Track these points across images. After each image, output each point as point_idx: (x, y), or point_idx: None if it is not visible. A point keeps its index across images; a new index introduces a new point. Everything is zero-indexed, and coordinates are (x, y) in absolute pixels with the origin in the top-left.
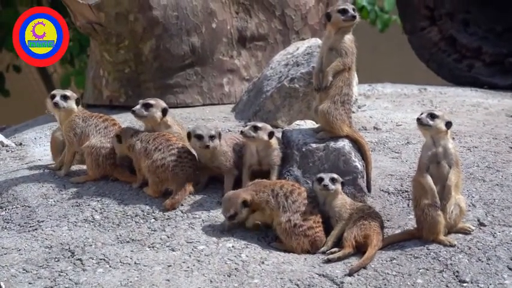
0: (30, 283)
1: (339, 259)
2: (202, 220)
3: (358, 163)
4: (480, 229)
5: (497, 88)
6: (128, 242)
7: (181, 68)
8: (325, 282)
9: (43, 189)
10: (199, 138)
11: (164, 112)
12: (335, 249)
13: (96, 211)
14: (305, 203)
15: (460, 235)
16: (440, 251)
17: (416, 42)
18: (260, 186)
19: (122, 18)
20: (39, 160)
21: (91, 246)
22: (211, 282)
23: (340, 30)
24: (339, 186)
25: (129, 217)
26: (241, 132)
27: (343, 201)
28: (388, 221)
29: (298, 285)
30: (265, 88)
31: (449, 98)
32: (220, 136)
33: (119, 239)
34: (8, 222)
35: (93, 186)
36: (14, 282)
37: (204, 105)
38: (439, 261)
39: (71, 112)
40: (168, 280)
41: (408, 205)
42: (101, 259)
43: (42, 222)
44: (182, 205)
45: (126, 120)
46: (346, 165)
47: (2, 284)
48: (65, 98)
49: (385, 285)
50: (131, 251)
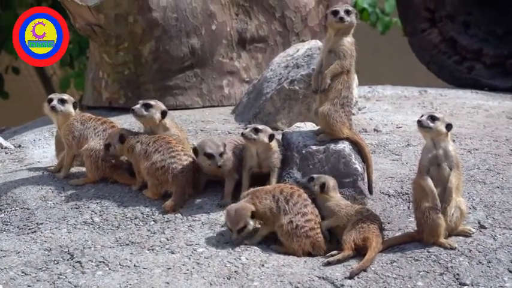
0: (29, 286)
1: (339, 262)
2: (202, 223)
3: (359, 165)
4: (481, 232)
5: (497, 90)
6: (128, 244)
7: (180, 70)
8: (325, 285)
9: (42, 191)
10: (209, 157)
11: (163, 114)
12: (335, 252)
13: (95, 213)
14: (306, 204)
15: (460, 238)
16: (440, 254)
17: (417, 44)
18: (260, 193)
19: (121, 20)
20: (38, 162)
21: (90, 248)
22: (210, 285)
23: (339, 32)
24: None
25: (128, 219)
26: (242, 134)
27: (336, 202)
28: (388, 223)
29: (298, 287)
30: (265, 90)
31: (449, 100)
32: (225, 146)
33: (118, 241)
34: (7, 225)
35: (93, 188)
36: (13, 285)
37: (203, 107)
38: (440, 264)
39: (68, 116)
40: (167, 283)
41: (408, 207)
42: (100, 262)
43: (42, 224)
44: (182, 207)
45: (125, 122)
46: (346, 167)
47: (1, 287)
48: (62, 101)
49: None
50: (131, 254)
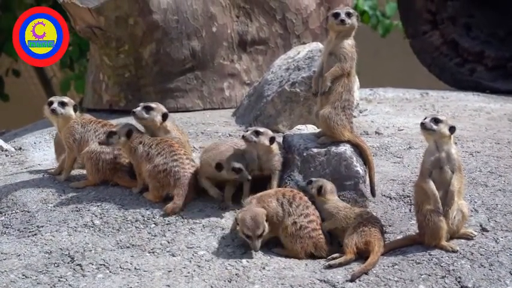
0: None
1: (340, 265)
2: (203, 225)
3: (360, 168)
4: (482, 234)
5: (499, 92)
6: (128, 247)
7: (181, 72)
8: None
9: (43, 194)
10: (238, 171)
11: (164, 117)
12: (336, 254)
13: (96, 216)
14: (307, 206)
15: (462, 241)
16: (442, 257)
17: (418, 47)
18: (265, 198)
19: (121, 22)
20: (39, 165)
21: (91, 251)
22: (211, 287)
23: (340, 34)
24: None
25: (129, 222)
26: (243, 136)
27: (334, 204)
28: (389, 226)
29: None
30: (266, 92)
31: (451, 102)
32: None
33: (119, 244)
34: (8, 228)
35: (93, 191)
36: (13, 287)
37: (204, 109)
38: (441, 267)
39: (68, 119)
40: (168, 286)
41: (410, 210)
42: (100, 264)
43: (42, 227)
44: (183, 210)
45: None
46: (347, 170)
47: None
48: (62, 104)
49: None
50: (131, 256)
